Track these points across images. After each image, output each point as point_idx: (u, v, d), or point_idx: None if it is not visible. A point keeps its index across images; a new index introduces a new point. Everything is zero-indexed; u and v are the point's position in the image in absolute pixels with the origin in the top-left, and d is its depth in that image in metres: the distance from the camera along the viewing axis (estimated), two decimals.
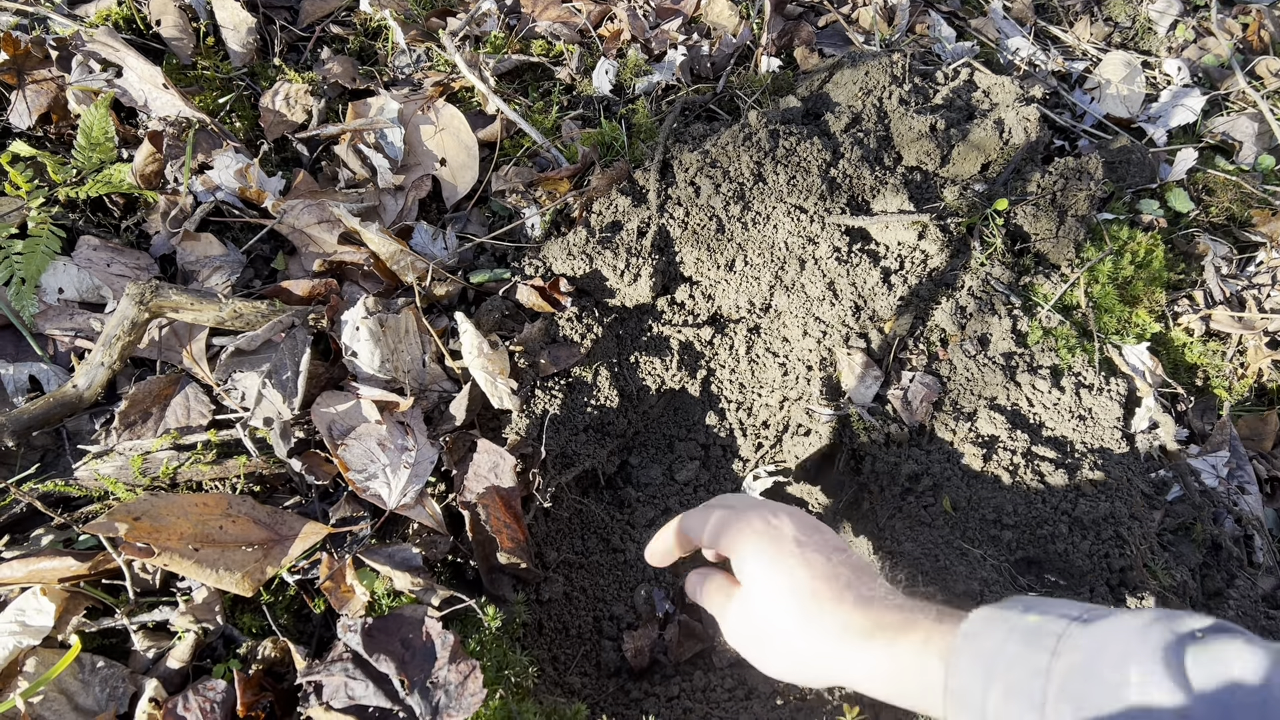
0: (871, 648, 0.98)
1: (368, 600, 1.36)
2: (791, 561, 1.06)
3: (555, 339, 1.77)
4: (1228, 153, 2.47)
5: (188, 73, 2.02)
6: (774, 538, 1.09)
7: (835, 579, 1.05)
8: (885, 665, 0.96)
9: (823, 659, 1.01)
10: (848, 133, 2.00)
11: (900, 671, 0.96)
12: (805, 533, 1.10)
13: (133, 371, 1.62)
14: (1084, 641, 0.84)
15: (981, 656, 0.89)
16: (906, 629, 0.97)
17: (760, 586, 1.07)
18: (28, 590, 1.30)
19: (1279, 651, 0.76)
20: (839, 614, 1.01)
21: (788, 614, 1.04)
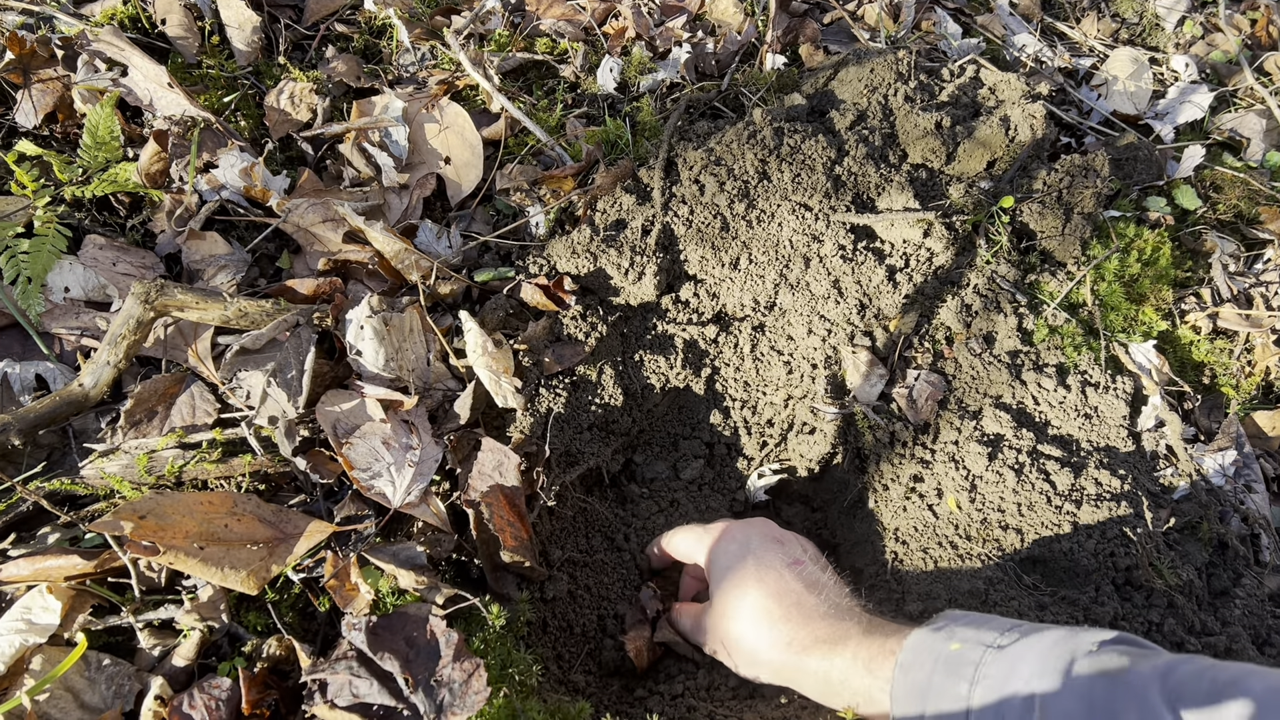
0: (810, 661, 1.09)
1: (372, 598, 1.36)
2: (749, 581, 1.18)
3: (559, 337, 1.77)
4: (1236, 149, 2.46)
5: (193, 72, 2.02)
6: (737, 555, 1.23)
7: (785, 595, 1.16)
8: (822, 677, 1.08)
9: (775, 668, 1.13)
10: (853, 130, 2.00)
11: (837, 684, 1.07)
12: (766, 548, 1.22)
13: (138, 370, 1.63)
14: (995, 670, 0.92)
15: (915, 690, 0.98)
16: (838, 644, 1.09)
17: (722, 604, 1.20)
18: (34, 588, 1.30)
19: (1144, 654, 0.87)
20: (785, 630, 1.13)
21: (745, 628, 1.16)
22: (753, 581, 1.16)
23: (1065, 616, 1.52)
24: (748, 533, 1.26)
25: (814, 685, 1.10)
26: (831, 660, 1.06)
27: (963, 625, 1.02)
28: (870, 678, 1.03)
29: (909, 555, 1.66)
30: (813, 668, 1.07)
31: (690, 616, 1.31)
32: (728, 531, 1.26)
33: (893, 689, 1.00)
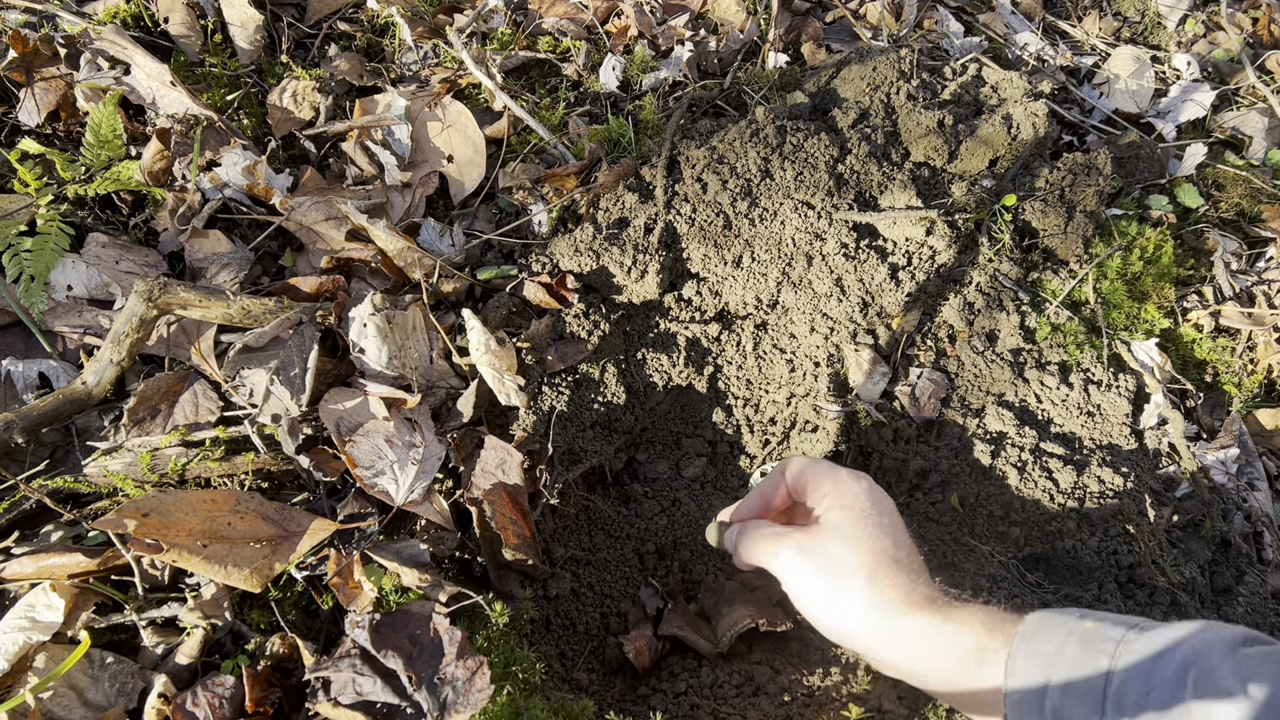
0: (919, 618, 1.01)
1: (375, 596, 1.36)
2: (876, 523, 1.09)
3: (562, 335, 1.77)
4: (1237, 148, 2.46)
5: (195, 70, 2.03)
6: (868, 494, 1.12)
7: (911, 553, 1.09)
8: (930, 642, 1.00)
9: (879, 610, 1.03)
10: (855, 128, 2.00)
11: (942, 650, 0.99)
12: (883, 503, 1.14)
13: (141, 368, 1.63)
14: (1140, 646, 0.87)
15: (1038, 658, 0.92)
16: (954, 606, 1.02)
17: (841, 537, 1.07)
18: (37, 586, 1.30)
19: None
20: (906, 578, 1.05)
21: (861, 569, 1.04)
22: (880, 528, 1.08)
23: None
24: (864, 479, 1.17)
25: (911, 644, 1.01)
26: (947, 618, 1.00)
27: (1090, 612, 0.98)
28: (987, 637, 0.97)
29: None
30: (921, 625, 1.00)
31: (776, 536, 1.13)
32: (846, 470, 1.18)
33: (1010, 657, 0.94)
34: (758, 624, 1.60)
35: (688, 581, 1.76)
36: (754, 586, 1.73)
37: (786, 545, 1.10)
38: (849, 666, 1.53)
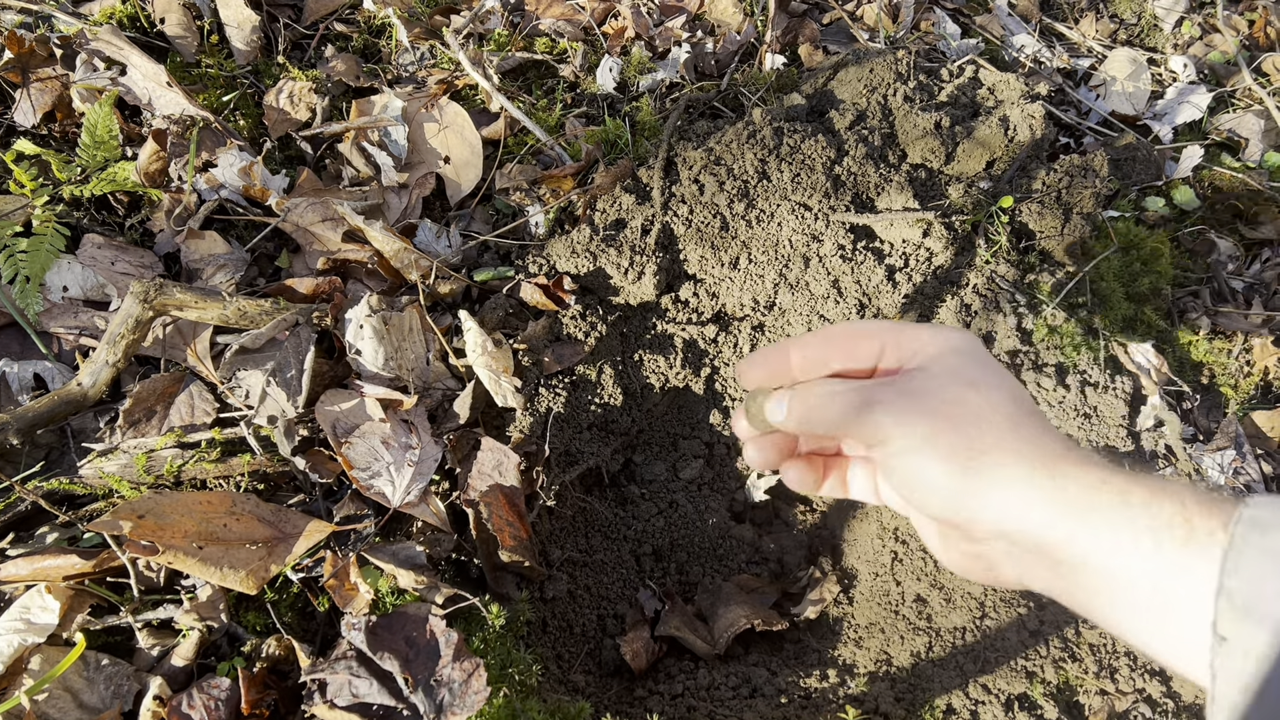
0: (1094, 477, 0.72)
1: (371, 598, 1.36)
2: (1001, 371, 0.82)
3: (559, 337, 1.77)
4: (1234, 150, 2.46)
5: (192, 71, 2.02)
6: (980, 346, 0.85)
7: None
8: (1113, 507, 0.70)
9: (1030, 473, 0.73)
10: (852, 130, 2.00)
11: (1129, 521, 0.70)
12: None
13: (137, 370, 1.62)
14: None
15: (1274, 555, 0.66)
16: (1144, 477, 0.72)
17: (962, 380, 0.80)
18: (33, 588, 1.30)
19: None
20: (1059, 437, 0.77)
21: (1000, 412, 0.77)
22: (1011, 378, 0.81)
23: (1064, 617, 1.53)
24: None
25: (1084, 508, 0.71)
26: (1134, 480, 0.71)
27: None
28: (1199, 512, 0.68)
29: (909, 555, 1.66)
30: (1097, 480, 0.71)
31: (861, 388, 0.83)
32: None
33: (1231, 548, 0.66)
34: (754, 625, 1.60)
35: (684, 583, 1.76)
36: (751, 588, 1.73)
37: (883, 393, 0.80)
38: (846, 669, 1.53)
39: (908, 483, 0.78)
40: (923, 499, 0.78)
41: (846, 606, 1.69)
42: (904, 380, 0.81)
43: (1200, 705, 1.44)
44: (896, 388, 0.80)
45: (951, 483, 0.75)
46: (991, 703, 1.44)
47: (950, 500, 0.76)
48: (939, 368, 0.81)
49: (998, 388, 0.79)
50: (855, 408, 0.81)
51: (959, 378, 0.79)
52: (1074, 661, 1.49)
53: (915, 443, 0.77)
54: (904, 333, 0.86)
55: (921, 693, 1.46)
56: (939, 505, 0.77)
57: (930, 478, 0.76)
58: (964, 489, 0.75)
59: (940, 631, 1.54)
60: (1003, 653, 1.50)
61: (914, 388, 0.80)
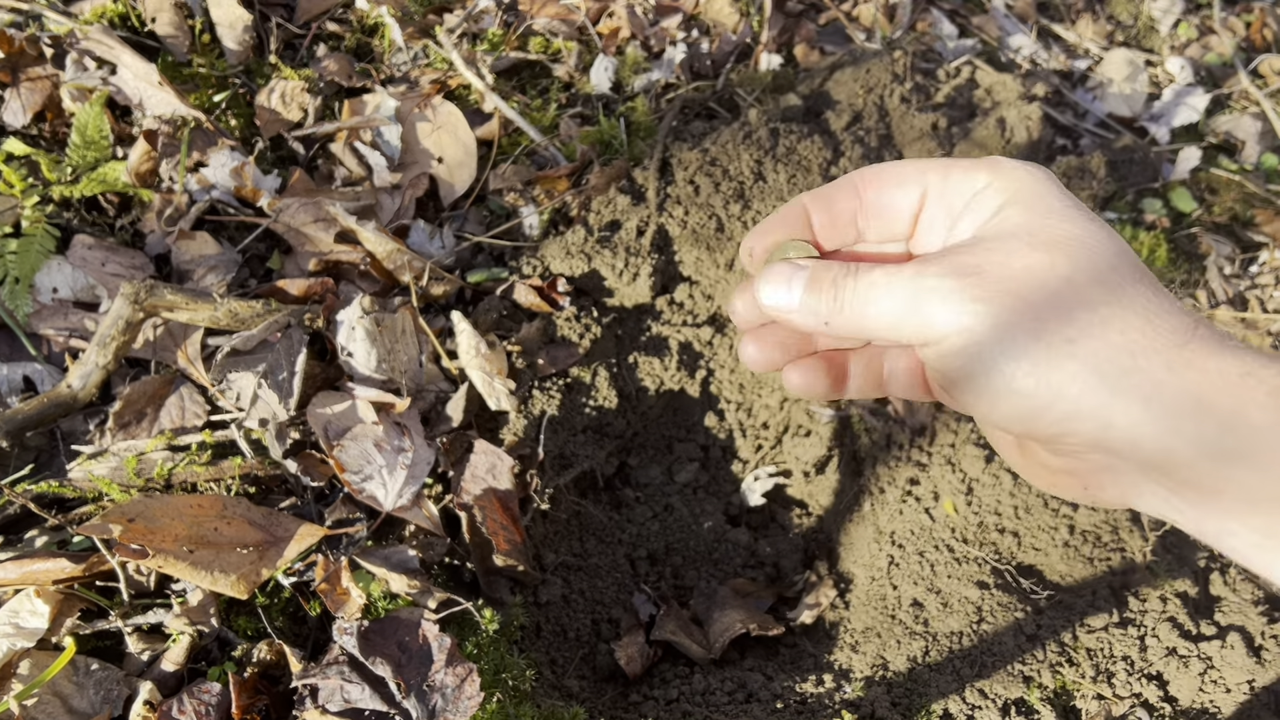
0: (1246, 362, 0.53)
1: (364, 603, 1.35)
2: (1090, 218, 0.62)
3: (553, 339, 1.76)
4: (1231, 152, 2.46)
5: (183, 70, 2.01)
6: (1053, 180, 0.65)
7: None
8: (1260, 436, 0.51)
9: (1136, 388, 0.54)
10: (848, 131, 1.99)
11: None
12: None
13: (127, 372, 1.61)
14: None
15: None
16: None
17: (1043, 242, 0.59)
18: (21, 592, 1.28)
19: None
20: (1180, 309, 0.57)
21: (1097, 290, 0.57)
22: (1105, 227, 0.61)
23: (1061, 621, 1.52)
24: None
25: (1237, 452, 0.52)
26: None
27: None
28: None
29: (905, 559, 1.65)
30: (1251, 406, 0.51)
31: (914, 271, 0.61)
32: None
33: None
34: (749, 629, 1.59)
35: (680, 587, 1.75)
36: (746, 592, 1.72)
37: (931, 275, 0.60)
38: (842, 673, 1.52)
39: (972, 390, 0.60)
40: (992, 408, 0.60)
41: (843, 611, 1.69)
42: (958, 251, 0.62)
43: (1196, 709, 1.44)
44: (949, 263, 0.60)
45: (1029, 385, 0.57)
46: (988, 707, 1.43)
47: (1029, 409, 0.58)
48: (1004, 224, 0.61)
49: (1087, 244, 0.59)
50: (914, 292, 0.61)
51: (1033, 237, 0.59)
52: (1071, 666, 1.48)
53: (977, 337, 0.58)
54: (951, 175, 0.66)
55: (918, 698, 1.45)
56: (1015, 415, 0.59)
57: (1001, 382, 0.58)
58: (1047, 393, 0.56)
59: (937, 636, 1.54)
60: (1000, 657, 1.50)
61: (972, 261, 0.60)
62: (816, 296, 0.65)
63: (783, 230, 0.72)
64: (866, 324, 0.64)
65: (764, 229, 0.72)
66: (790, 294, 0.67)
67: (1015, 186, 0.62)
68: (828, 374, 0.74)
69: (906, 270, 0.61)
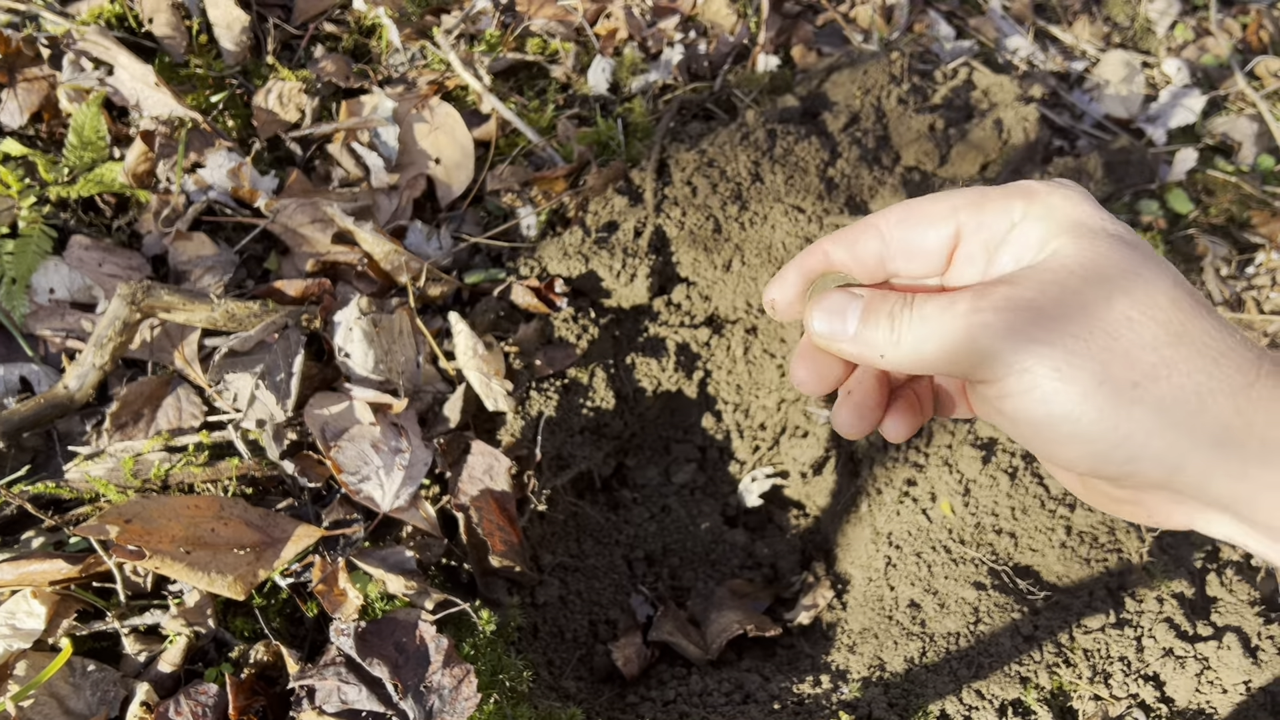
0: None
1: (361, 604, 1.35)
2: (1138, 247, 0.60)
3: (550, 340, 1.76)
4: (1227, 153, 2.46)
5: (180, 71, 2.01)
6: (1097, 209, 0.63)
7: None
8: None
9: (1203, 430, 0.54)
10: (846, 132, 1.99)
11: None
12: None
13: (124, 372, 1.61)
14: None
15: None
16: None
17: (1095, 276, 0.57)
18: (18, 593, 1.28)
19: None
20: (1242, 341, 0.57)
21: (1159, 328, 0.55)
22: (1158, 259, 0.60)
23: (1058, 622, 1.52)
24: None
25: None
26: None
27: None
28: None
29: (902, 560, 1.65)
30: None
31: (972, 301, 0.59)
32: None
33: None
34: (747, 630, 1.59)
35: (677, 588, 1.75)
36: (744, 593, 1.72)
37: (984, 310, 0.58)
38: (839, 674, 1.52)
39: (1033, 431, 0.59)
40: (1056, 451, 0.59)
41: (840, 612, 1.69)
42: (1013, 284, 0.58)
43: (1194, 709, 1.44)
44: (1005, 297, 0.58)
45: (1095, 429, 0.55)
46: (985, 708, 1.43)
47: (1095, 452, 0.57)
48: (1055, 257, 0.59)
49: (1146, 277, 0.57)
50: (959, 335, 0.58)
51: (1088, 272, 0.57)
52: (1068, 667, 1.48)
53: (1039, 379, 0.56)
54: (985, 208, 0.63)
55: (915, 698, 1.45)
56: (1079, 457, 0.58)
57: (1066, 425, 0.56)
58: (1113, 437, 0.55)
59: (934, 637, 1.54)
60: (996, 658, 1.50)
61: (1028, 296, 0.57)
62: (874, 328, 0.63)
63: (801, 278, 0.70)
64: (924, 359, 0.61)
65: (784, 277, 0.70)
66: (846, 325, 0.65)
67: (1056, 215, 0.60)
68: (892, 411, 0.72)
69: (961, 304, 0.59)
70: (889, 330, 0.62)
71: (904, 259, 0.66)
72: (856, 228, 0.67)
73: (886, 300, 0.63)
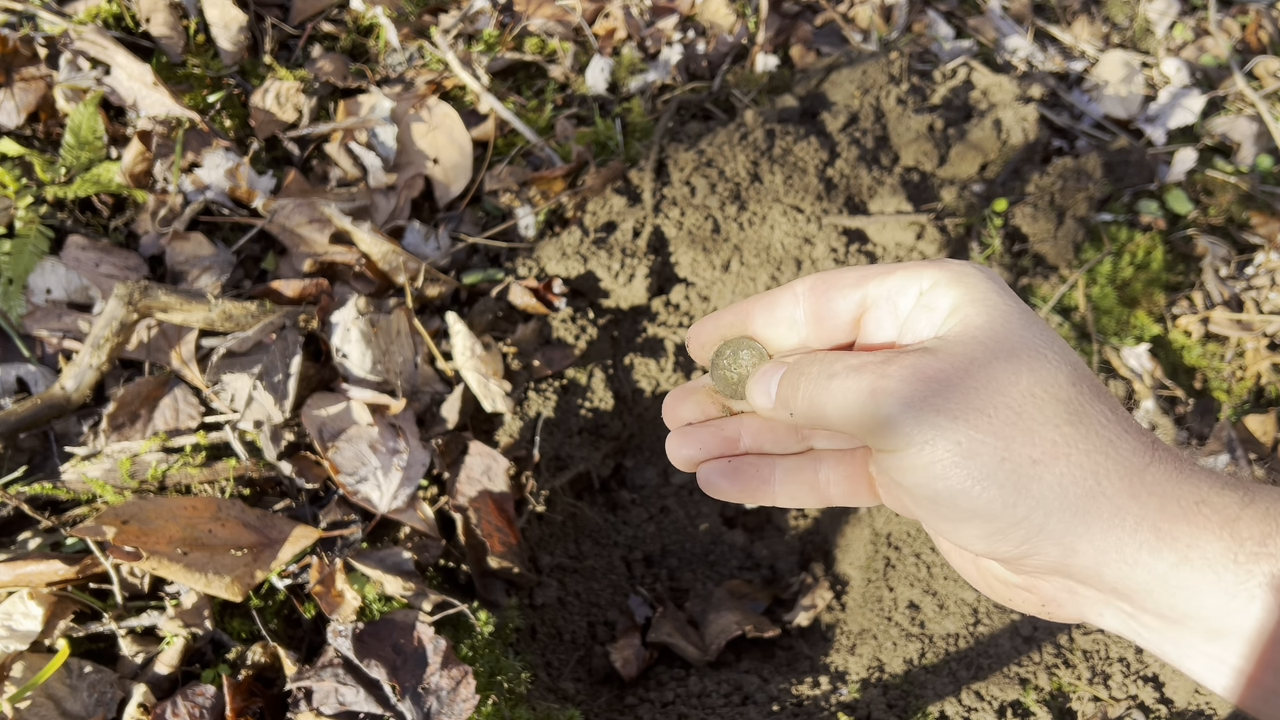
0: (1189, 530, 0.53)
1: (358, 605, 1.35)
2: (1044, 329, 0.60)
3: (549, 340, 1.75)
4: (1227, 154, 2.46)
5: (177, 71, 2.00)
6: (1006, 292, 0.62)
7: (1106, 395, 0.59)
8: (1216, 574, 0.52)
9: (1098, 518, 0.54)
10: (845, 132, 1.99)
11: (1240, 597, 0.52)
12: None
13: (121, 373, 1.61)
14: None
15: None
16: (1247, 508, 0.53)
17: (999, 349, 0.57)
18: (15, 594, 1.28)
19: None
20: (1134, 435, 0.56)
21: (1059, 410, 0.55)
22: (1058, 339, 0.60)
23: (1057, 623, 1.52)
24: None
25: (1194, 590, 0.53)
26: (1239, 522, 0.53)
27: None
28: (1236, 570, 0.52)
29: (901, 561, 1.65)
30: (1207, 541, 0.53)
31: (876, 366, 0.59)
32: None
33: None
34: (745, 631, 1.59)
35: (676, 589, 1.75)
36: (743, 594, 1.72)
37: (891, 378, 0.57)
38: (838, 675, 1.52)
39: (933, 506, 0.58)
40: (952, 528, 0.58)
41: (839, 613, 1.68)
42: (917, 355, 0.58)
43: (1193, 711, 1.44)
44: (912, 365, 0.57)
45: (994, 507, 0.55)
46: (984, 709, 1.43)
47: (992, 530, 0.56)
48: (963, 327, 0.59)
49: (1048, 356, 0.57)
50: (862, 397, 0.58)
51: (996, 344, 0.57)
52: (1067, 668, 1.48)
53: (940, 453, 0.55)
54: (892, 278, 0.63)
55: (914, 700, 1.45)
56: (978, 537, 0.57)
57: (964, 501, 0.56)
58: (1011, 516, 0.55)
59: (933, 638, 1.54)
60: (996, 659, 1.49)
61: (935, 366, 0.57)
62: (792, 387, 0.64)
63: (729, 326, 0.72)
64: (826, 417, 0.62)
65: (710, 321, 0.72)
66: (767, 393, 0.67)
67: (966, 284, 0.61)
68: (749, 478, 0.73)
69: (870, 367, 0.59)
70: (794, 388, 0.64)
71: (814, 324, 0.68)
72: (780, 291, 0.69)
73: (804, 362, 0.64)
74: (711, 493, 0.73)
